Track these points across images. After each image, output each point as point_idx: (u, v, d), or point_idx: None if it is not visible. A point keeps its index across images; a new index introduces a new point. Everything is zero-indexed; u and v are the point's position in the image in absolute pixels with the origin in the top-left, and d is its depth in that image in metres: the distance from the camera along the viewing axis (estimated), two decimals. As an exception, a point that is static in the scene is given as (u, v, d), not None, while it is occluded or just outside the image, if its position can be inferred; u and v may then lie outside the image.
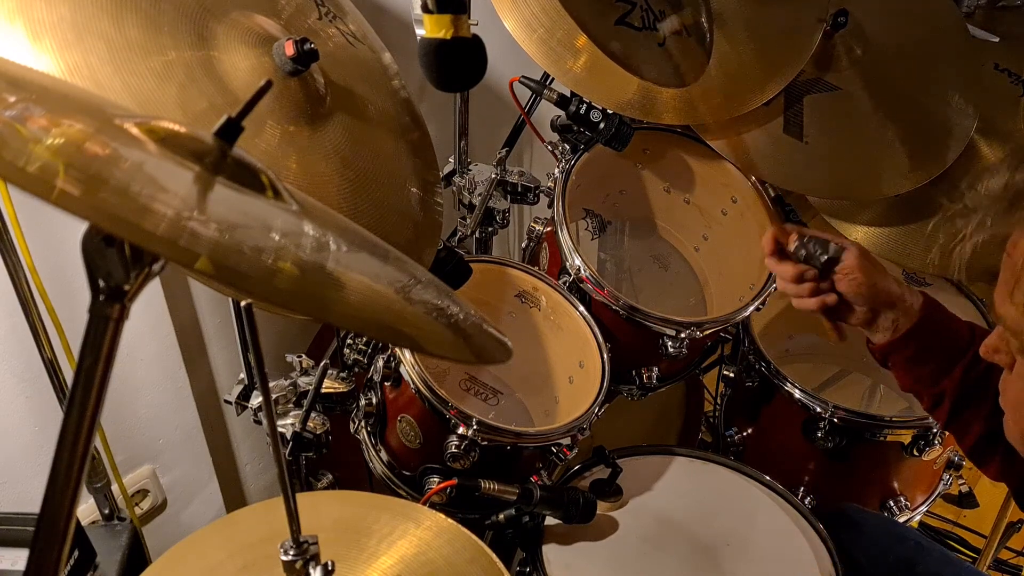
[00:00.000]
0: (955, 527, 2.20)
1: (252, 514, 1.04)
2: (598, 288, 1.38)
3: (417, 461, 1.28)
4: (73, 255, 0.56)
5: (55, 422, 0.94)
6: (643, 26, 1.28)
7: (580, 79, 1.31)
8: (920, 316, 1.09)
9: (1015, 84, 1.62)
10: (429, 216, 1.13)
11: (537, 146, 2.01)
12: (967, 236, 0.87)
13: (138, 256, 0.52)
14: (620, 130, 1.41)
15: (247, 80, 0.92)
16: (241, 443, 1.78)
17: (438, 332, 0.60)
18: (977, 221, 0.86)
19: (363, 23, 1.18)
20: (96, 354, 0.53)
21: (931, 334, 1.10)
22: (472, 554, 0.96)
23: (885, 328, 1.10)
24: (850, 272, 1.08)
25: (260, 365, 0.68)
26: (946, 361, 1.09)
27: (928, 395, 1.12)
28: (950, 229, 0.89)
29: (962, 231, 0.87)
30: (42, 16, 0.81)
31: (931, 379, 1.10)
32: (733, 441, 1.66)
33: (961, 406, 1.09)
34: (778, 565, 1.25)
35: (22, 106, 0.51)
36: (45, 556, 0.56)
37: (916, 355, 1.10)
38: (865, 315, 1.10)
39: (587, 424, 1.27)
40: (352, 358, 1.33)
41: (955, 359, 1.09)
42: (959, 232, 0.87)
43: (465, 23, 1.07)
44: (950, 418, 1.11)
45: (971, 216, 0.86)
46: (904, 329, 1.09)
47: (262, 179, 0.59)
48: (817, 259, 1.10)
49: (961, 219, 0.88)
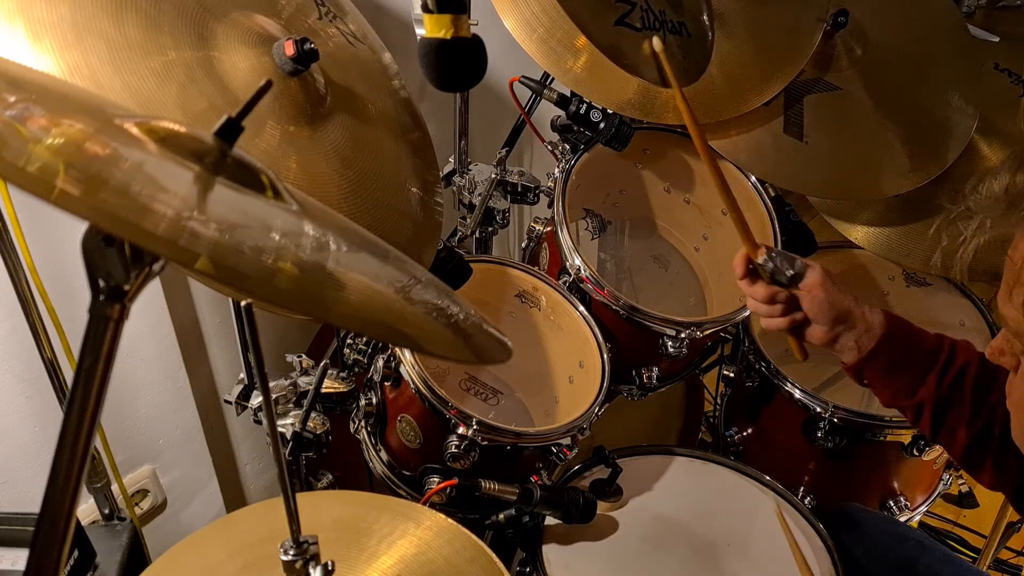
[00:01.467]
0: (955, 527, 2.20)
1: (252, 514, 1.04)
2: (598, 288, 1.38)
3: (417, 461, 1.28)
4: (73, 255, 0.56)
5: (55, 422, 0.95)
6: (643, 26, 1.28)
7: (580, 79, 1.31)
8: (883, 332, 1.11)
9: (1015, 84, 1.62)
10: (429, 216, 1.13)
11: (537, 146, 2.01)
12: (968, 238, 0.87)
13: (138, 256, 0.52)
14: (620, 130, 1.41)
15: (247, 80, 0.92)
16: (241, 443, 1.78)
17: (438, 332, 0.60)
18: (978, 223, 0.86)
19: (363, 23, 1.18)
20: (96, 354, 0.53)
21: (898, 347, 1.12)
22: (472, 554, 0.96)
23: (850, 348, 1.12)
24: (812, 289, 1.11)
25: (260, 365, 0.68)
26: (919, 370, 1.11)
27: (909, 408, 1.14)
28: (952, 231, 0.89)
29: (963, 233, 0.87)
30: (42, 16, 0.81)
31: (907, 390, 1.12)
32: (733, 441, 1.66)
33: (942, 414, 1.11)
34: (778, 565, 1.25)
35: (22, 106, 0.51)
36: (45, 556, 0.56)
37: (888, 368, 1.13)
38: (826, 334, 1.12)
39: (587, 424, 1.27)
40: (352, 358, 1.33)
41: (927, 368, 1.11)
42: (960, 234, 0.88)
43: (465, 23, 1.07)
44: (934, 427, 1.12)
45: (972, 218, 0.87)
46: (869, 347, 1.11)
47: (262, 179, 0.59)
48: (783, 273, 1.13)
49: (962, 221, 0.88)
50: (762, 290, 1.14)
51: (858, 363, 1.13)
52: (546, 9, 1.26)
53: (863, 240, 1.56)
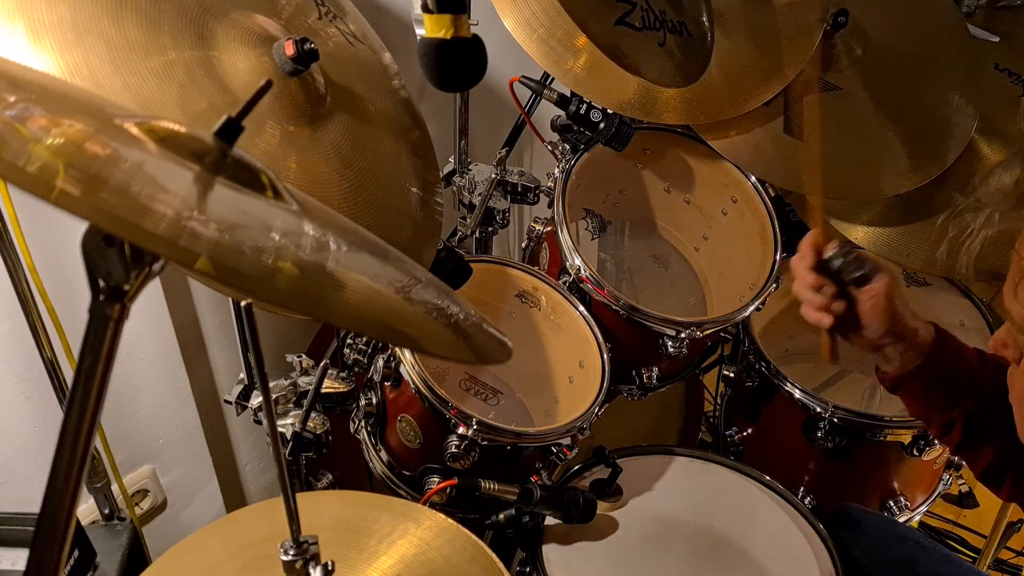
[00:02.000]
0: (955, 527, 2.20)
1: (252, 514, 1.04)
2: (598, 288, 1.38)
3: (417, 461, 1.28)
4: (73, 255, 0.56)
5: (55, 422, 0.94)
6: (643, 26, 1.28)
7: (580, 79, 1.31)
8: (929, 351, 1.07)
9: (1015, 84, 1.62)
10: (429, 216, 1.13)
11: (537, 146, 2.01)
12: (975, 231, 0.87)
13: (138, 256, 0.52)
14: (620, 130, 1.41)
15: (247, 80, 0.92)
16: (241, 443, 1.78)
17: (438, 332, 0.60)
18: (986, 216, 0.86)
19: (363, 23, 1.18)
20: (96, 354, 0.53)
21: (941, 366, 1.07)
22: (472, 554, 0.96)
23: (892, 360, 1.08)
24: (876, 295, 1.04)
25: (260, 365, 0.68)
26: (956, 391, 1.07)
27: (937, 423, 1.10)
28: (960, 223, 0.89)
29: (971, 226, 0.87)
30: (42, 16, 0.81)
31: (941, 407, 1.09)
32: (733, 441, 1.66)
33: (973, 434, 1.08)
34: (778, 565, 1.25)
35: (22, 106, 0.51)
36: (45, 556, 0.56)
37: (927, 385, 1.08)
38: (873, 342, 1.07)
39: (587, 424, 1.27)
40: (352, 358, 1.33)
41: (966, 389, 1.07)
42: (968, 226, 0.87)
43: (465, 23, 1.07)
44: (961, 445, 1.09)
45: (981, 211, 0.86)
46: (912, 365, 1.07)
47: (262, 179, 0.59)
48: (850, 273, 1.05)
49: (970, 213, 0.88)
50: (812, 277, 1.06)
51: (897, 378, 1.09)
52: (546, 9, 1.26)
53: (863, 240, 1.56)
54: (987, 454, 1.08)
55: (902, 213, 1.54)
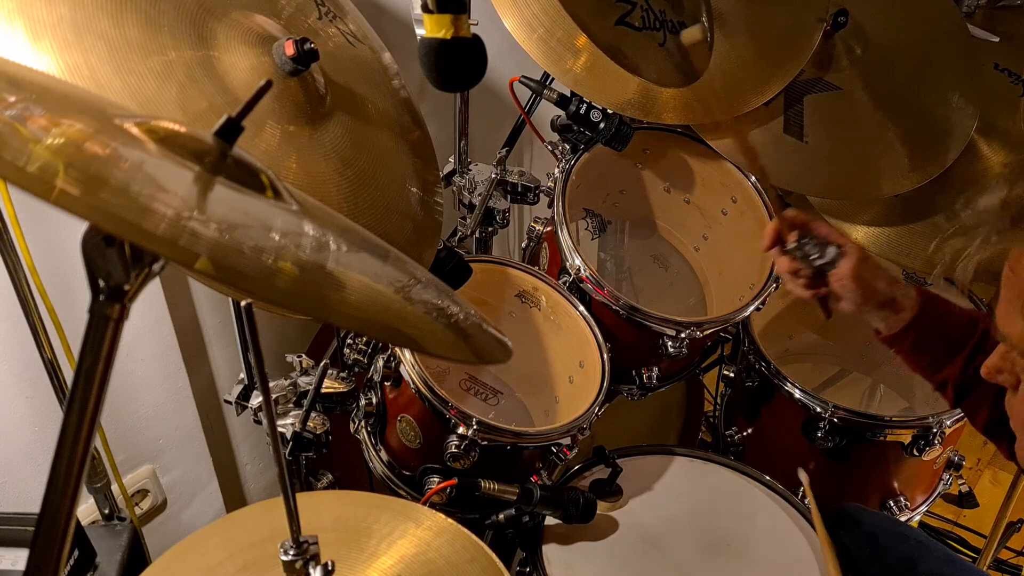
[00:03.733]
0: (955, 527, 2.20)
1: (252, 514, 1.04)
2: (598, 288, 1.38)
3: (417, 461, 1.28)
4: (73, 255, 0.56)
5: (55, 422, 0.95)
6: (643, 26, 1.28)
7: (580, 79, 1.31)
8: (913, 314, 1.13)
9: (1015, 84, 1.62)
10: (429, 216, 1.13)
11: (537, 146, 2.01)
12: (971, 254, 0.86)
13: (138, 256, 0.52)
14: (620, 130, 1.41)
15: (247, 80, 0.92)
16: (241, 443, 1.78)
17: (438, 332, 0.60)
18: (981, 239, 0.85)
19: (363, 23, 1.18)
20: (96, 354, 0.53)
21: (927, 328, 1.14)
22: (472, 554, 0.96)
23: (877, 323, 1.15)
24: (842, 279, 1.12)
25: (260, 365, 0.68)
26: (944, 353, 1.13)
27: (932, 381, 1.17)
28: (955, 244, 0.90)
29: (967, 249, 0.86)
30: (42, 16, 0.81)
31: (931, 368, 1.15)
32: (733, 441, 1.66)
33: (964, 393, 1.13)
34: (778, 565, 1.25)
35: (22, 106, 0.51)
36: (45, 556, 0.56)
37: (914, 347, 1.15)
38: (853, 310, 1.15)
39: (587, 424, 1.27)
40: (352, 358, 1.33)
41: (954, 350, 1.12)
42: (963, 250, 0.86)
43: (465, 23, 1.07)
44: (955, 403, 1.15)
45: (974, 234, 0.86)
46: (896, 328, 1.14)
47: (262, 179, 0.59)
48: (811, 263, 1.14)
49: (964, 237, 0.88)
50: (786, 263, 1.16)
51: (887, 339, 1.15)
52: (546, 9, 1.26)
53: (863, 240, 1.56)
54: (983, 413, 1.12)
55: (902, 213, 1.54)
